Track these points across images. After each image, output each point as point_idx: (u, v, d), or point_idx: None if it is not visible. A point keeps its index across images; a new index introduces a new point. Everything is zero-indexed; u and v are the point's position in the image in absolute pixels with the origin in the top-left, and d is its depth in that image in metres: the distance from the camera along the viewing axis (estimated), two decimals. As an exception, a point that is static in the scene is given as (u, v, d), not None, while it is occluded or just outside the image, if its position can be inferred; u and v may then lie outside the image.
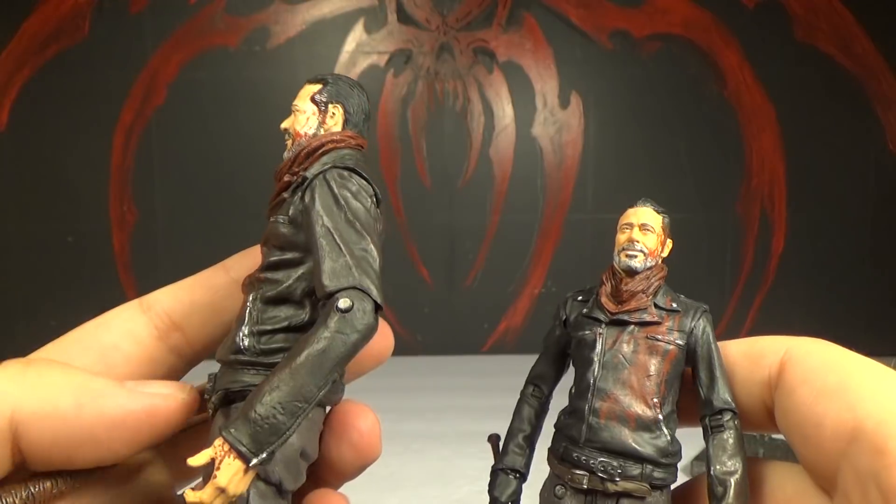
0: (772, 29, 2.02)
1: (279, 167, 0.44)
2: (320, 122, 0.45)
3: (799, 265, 2.09)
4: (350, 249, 0.38)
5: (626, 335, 0.44)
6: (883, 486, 0.31)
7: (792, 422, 0.38)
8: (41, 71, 1.95)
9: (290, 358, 0.35)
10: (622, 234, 0.47)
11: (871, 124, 2.05)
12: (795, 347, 0.40)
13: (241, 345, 0.39)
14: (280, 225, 0.41)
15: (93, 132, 1.97)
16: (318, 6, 1.99)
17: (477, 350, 2.03)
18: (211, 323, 0.46)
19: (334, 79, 0.45)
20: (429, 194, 2.02)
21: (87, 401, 0.35)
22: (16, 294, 1.97)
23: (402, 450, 0.42)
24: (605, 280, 0.47)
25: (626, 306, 0.45)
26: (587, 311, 0.46)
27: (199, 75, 1.98)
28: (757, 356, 0.42)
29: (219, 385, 0.40)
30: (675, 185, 2.06)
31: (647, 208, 0.47)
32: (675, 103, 2.04)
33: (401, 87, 2.02)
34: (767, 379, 0.41)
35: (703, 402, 0.44)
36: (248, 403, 0.34)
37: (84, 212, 2.00)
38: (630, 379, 0.43)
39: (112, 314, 0.46)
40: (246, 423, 0.34)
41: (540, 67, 2.03)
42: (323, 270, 0.37)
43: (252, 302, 0.40)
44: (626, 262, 0.46)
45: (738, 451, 0.42)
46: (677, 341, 0.44)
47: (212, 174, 2.00)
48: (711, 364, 0.44)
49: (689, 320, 0.45)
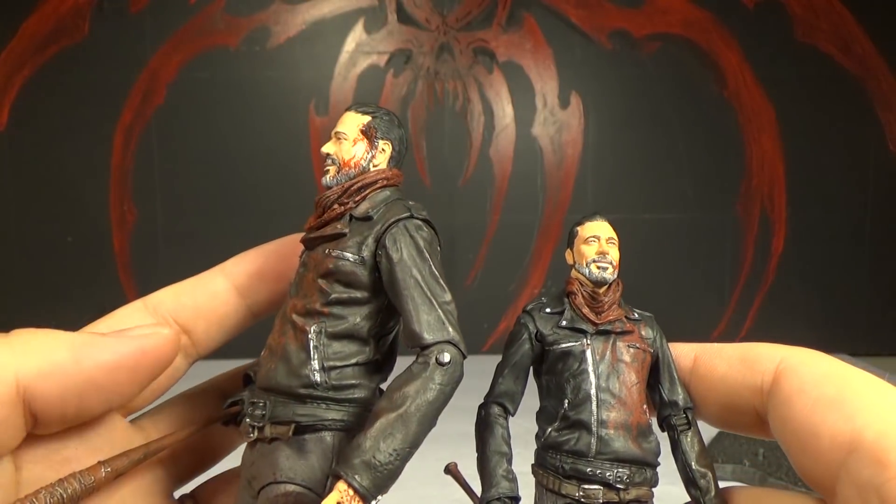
0: (772, 29, 2.02)
1: (325, 195, 0.44)
2: (371, 155, 0.46)
3: (799, 265, 2.09)
4: (439, 303, 0.41)
5: (611, 345, 0.45)
6: (885, 498, 0.31)
7: (789, 431, 0.38)
8: (41, 71, 1.95)
9: (397, 405, 0.38)
10: (589, 246, 0.47)
11: (871, 124, 2.05)
12: (791, 357, 0.41)
13: (313, 379, 0.40)
14: (348, 263, 0.41)
15: (93, 132, 1.97)
16: (318, 6, 1.99)
17: (477, 350, 2.03)
18: (214, 329, 0.48)
19: (381, 112, 0.47)
20: (429, 194, 2.03)
21: (83, 353, 0.37)
22: (16, 294, 1.97)
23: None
24: (577, 291, 0.47)
25: (606, 316, 0.46)
26: (567, 322, 0.46)
27: (199, 75, 1.98)
28: (752, 361, 0.42)
29: (282, 415, 0.40)
30: (674, 185, 2.06)
31: (605, 223, 0.48)
32: (674, 103, 2.04)
33: (401, 87, 2.02)
34: (760, 385, 0.41)
35: (666, 403, 0.46)
36: (361, 449, 0.36)
37: (84, 212, 2.00)
38: (624, 387, 0.44)
39: (120, 315, 0.47)
40: (368, 469, 0.36)
41: (540, 67, 2.03)
42: (419, 322, 0.40)
43: (316, 335, 0.41)
44: (601, 274, 0.46)
45: (705, 448, 0.45)
46: (649, 349, 0.46)
47: (212, 174, 2.00)
48: (670, 368, 0.46)
49: (651, 330, 0.47)
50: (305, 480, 0.39)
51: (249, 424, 0.41)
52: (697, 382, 0.45)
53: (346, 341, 0.42)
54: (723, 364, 0.44)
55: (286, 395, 0.41)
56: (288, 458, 0.40)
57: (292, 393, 0.40)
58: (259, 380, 0.42)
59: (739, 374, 0.42)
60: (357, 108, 0.47)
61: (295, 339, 0.41)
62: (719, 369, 0.44)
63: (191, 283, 0.48)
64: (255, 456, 0.41)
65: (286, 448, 0.40)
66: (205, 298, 0.47)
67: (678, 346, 0.47)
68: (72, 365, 0.37)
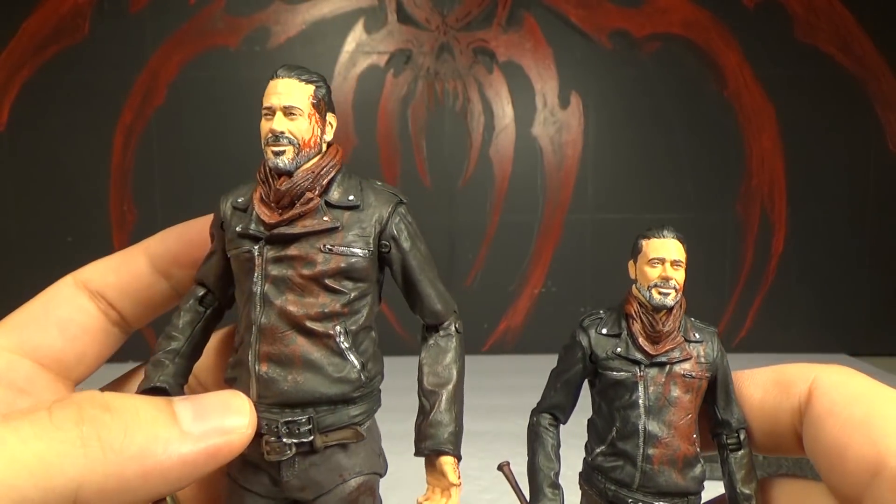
0: (772, 29, 2.01)
1: (295, 182, 0.41)
2: (323, 132, 0.43)
3: (799, 265, 2.09)
4: (437, 279, 0.45)
5: (665, 376, 0.44)
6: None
7: (818, 450, 0.39)
8: (41, 71, 1.95)
9: (446, 378, 0.43)
10: (653, 268, 0.45)
11: (871, 124, 2.05)
12: (823, 377, 0.41)
13: (361, 379, 0.41)
14: (361, 259, 0.41)
15: (93, 132, 1.97)
16: (318, 6, 1.99)
17: (477, 350, 2.02)
18: (140, 308, 0.49)
19: (320, 78, 0.43)
20: (429, 194, 2.02)
21: (152, 464, 0.32)
22: (16, 294, 1.96)
23: (403, 450, 0.42)
24: (636, 316, 0.46)
25: (663, 346, 0.45)
26: (622, 350, 0.45)
27: (199, 75, 1.98)
28: (787, 384, 0.42)
29: (336, 422, 0.41)
30: (674, 185, 2.06)
31: (673, 240, 0.46)
32: (674, 103, 2.04)
33: (401, 87, 2.02)
34: (798, 406, 0.41)
35: (719, 422, 0.45)
36: (443, 424, 0.42)
37: (84, 212, 2.00)
38: (674, 420, 0.44)
39: (54, 291, 0.48)
40: (455, 438, 0.42)
41: (540, 67, 2.03)
42: (439, 300, 0.45)
43: (344, 337, 0.41)
44: (662, 301, 0.45)
45: (754, 469, 0.45)
46: (706, 374, 0.45)
47: (212, 174, 2.00)
48: (728, 387, 0.45)
49: (711, 350, 0.46)
50: (369, 468, 0.42)
51: (288, 444, 0.40)
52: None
53: (363, 333, 0.43)
54: (758, 391, 0.44)
55: (332, 402, 0.40)
56: (348, 457, 0.41)
57: (343, 399, 0.40)
58: (275, 395, 0.40)
59: (776, 398, 0.43)
60: (296, 74, 0.43)
61: (317, 346, 0.40)
62: (756, 396, 0.44)
63: (115, 260, 0.49)
64: (303, 467, 0.41)
65: (340, 448, 0.41)
66: (129, 279, 0.48)
67: None
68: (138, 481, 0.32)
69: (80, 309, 0.47)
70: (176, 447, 0.33)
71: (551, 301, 2.07)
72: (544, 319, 2.06)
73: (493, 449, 1.20)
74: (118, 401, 0.33)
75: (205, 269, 0.46)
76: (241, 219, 0.44)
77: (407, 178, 2.02)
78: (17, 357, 0.45)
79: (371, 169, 2.01)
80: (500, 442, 1.24)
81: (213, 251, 0.46)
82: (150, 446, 0.32)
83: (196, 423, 0.34)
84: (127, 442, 0.32)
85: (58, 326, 0.46)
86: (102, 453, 0.31)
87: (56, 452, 0.30)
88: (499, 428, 1.33)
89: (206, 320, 0.45)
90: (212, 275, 0.46)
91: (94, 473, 0.31)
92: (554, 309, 2.07)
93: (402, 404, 0.44)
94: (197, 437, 0.34)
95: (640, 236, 0.46)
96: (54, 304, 0.47)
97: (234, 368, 0.42)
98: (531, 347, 2.02)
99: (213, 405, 0.36)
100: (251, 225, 0.42)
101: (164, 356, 0.44)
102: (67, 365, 0.46)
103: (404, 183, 2.01)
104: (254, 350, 0.40)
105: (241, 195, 0.45)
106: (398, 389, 0.43)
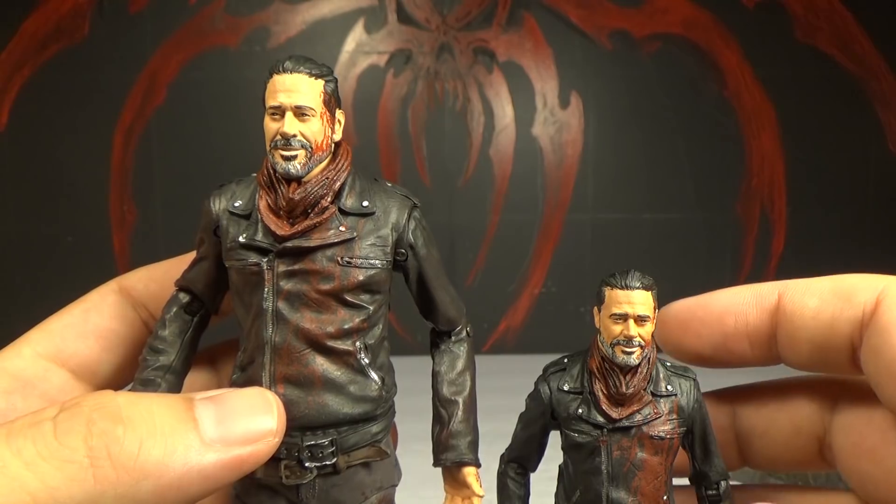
0: (772, 29, 2.01)
1: (308, 190, 0.38)
2: (334, 131, 0.39)
3: (799, 265, 2.09)
4: (448, 283, 0.44)
5: (631, 439, 0.41)
6: None
7: (881, 363, 0.36)
8: (41, 71, 1.95)
9: (462, 386, 0.43)
10: (615, 325, 0.41)
11: (871, 124, 2.05)
12: (894, 287, 0.38)
13: (381, 395, 0.40)
14: (380, 271, 0.39)
15: (93, 132, 1.97)
16: (318, 6, 1.99)
17: (477, 350, 2.01)
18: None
19: (329, 71, 0.39)
20: (429, 194, 2.02)
21: (169, 481, 0.29)
22: (16, 294, 1.97)
23: (403, 450, 0.42)
24: (598, 374, 0.42)
25: (628, 409, 0.41)
26: (584, 413, 0.42)
27: (199, 75, 1.98)
28: (849, 293, 0.39)
29: (359, 441, 0.39)
30: (674, 185, 2.06)
31: (639, 291, 0.41)
32: (674, 103, 2.04)
33: (401, 86, 2.02)
34: (861, 317, 0.38)
35: (698, 474, 0.44)
36: (462, 434, 0.41)
37: (84, 212, 2.00)
38: (640, 486, 0.41)
39: (96, 298, 0.46)
40: (474, 446, 0.42)
41: (540, 67, 2.03)
42: (453, 306, 0.44)
43: (364, 353, 0.39)
44: (625, 360, 0.41)
45: None
46: (679, 430, 0.42)
47: (212, 174, 2.00)
48: (706, 439, 0.43)
49: (686, 402, 0.42)
50: (389, 481, 0.42)
51: (309, 468, 0.38)
52: (785, 322, 0.41)
53: (379, 346, 0.41)
54: (814, 300, 0.40)
55: (355, 422, 0.39)
56: (369, 474, 0.40)
57: (365, 417, 0.39)
58: (294, 418, 0.37)
59: (835, 308, 0.39)
60: (306, 68, 0.38)
61: (337, 365, 0.38)
62: (810, 305, 0.40)
63: (162, 269, 0.46)
64: (324, 488, 0.39)
65: (362, 467, 0.40)
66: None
67: (760, 286, 0.43)
68: (154, 500, 0.29)
69: (122, 318, 0.45)
70: (196, 459, 0.30)
71: (551, 301, 2.07)
72: (544, 319, 2.06)
73: (493, 449, 1.20)
74: (132, 407, 0.30)
75: (192, 276, 0.42)
76: (243, 227, 0.39)
77: (407, 178, 2.02)
78: (53, 366, 0.43)
79: (371, 169, 2.00)
80: (500, 442, 1.24)
81: (202, 257, 0.42)
82: (167, 461, 0.29)
83: (219, 428, 0.31)
84: (142, 459, 0.29)
85: (96, 335, 0.44)
86: (114, 473, 0.28)
87: (63, 476, 0.27)
88: (499, 428, 1.33)
89: (195, 329, 0.42)
90: (201, 283, 0.42)
91: (105, 497, 0.28)
92: (554, 309, 2.07)
93: (402, 405, 0.44)
94: (220, 446, 0.31)
95: (603, 282, 0.42)
96: (95, 311, 0.44)
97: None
98: (531, 347, 2.02)
99: (239, 407, 0.33)
100: (257, 235, 0.38)
101: (154, 374, 0.40)
102: (103, 377, 0.44)
103: (404, 183, 2.01)
104: (268, 371, 0.38)
105: (238, 198, 0.40)
106: (398, 390, 0.43)
